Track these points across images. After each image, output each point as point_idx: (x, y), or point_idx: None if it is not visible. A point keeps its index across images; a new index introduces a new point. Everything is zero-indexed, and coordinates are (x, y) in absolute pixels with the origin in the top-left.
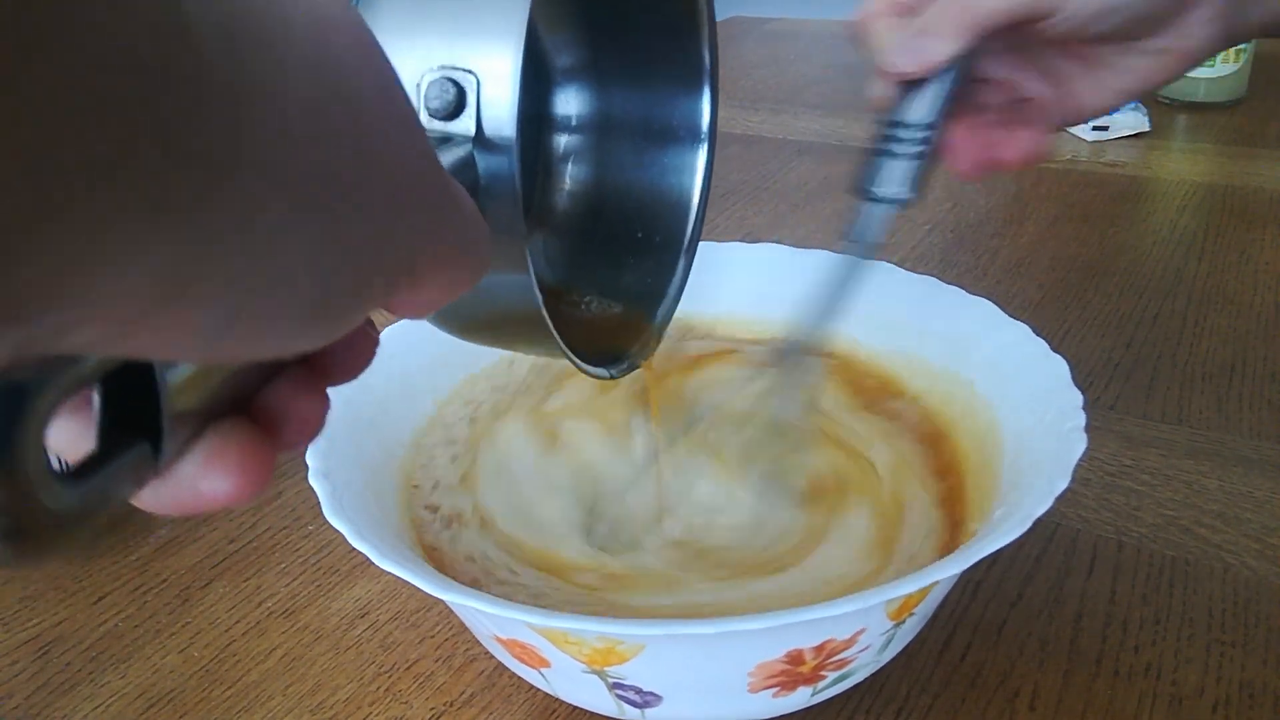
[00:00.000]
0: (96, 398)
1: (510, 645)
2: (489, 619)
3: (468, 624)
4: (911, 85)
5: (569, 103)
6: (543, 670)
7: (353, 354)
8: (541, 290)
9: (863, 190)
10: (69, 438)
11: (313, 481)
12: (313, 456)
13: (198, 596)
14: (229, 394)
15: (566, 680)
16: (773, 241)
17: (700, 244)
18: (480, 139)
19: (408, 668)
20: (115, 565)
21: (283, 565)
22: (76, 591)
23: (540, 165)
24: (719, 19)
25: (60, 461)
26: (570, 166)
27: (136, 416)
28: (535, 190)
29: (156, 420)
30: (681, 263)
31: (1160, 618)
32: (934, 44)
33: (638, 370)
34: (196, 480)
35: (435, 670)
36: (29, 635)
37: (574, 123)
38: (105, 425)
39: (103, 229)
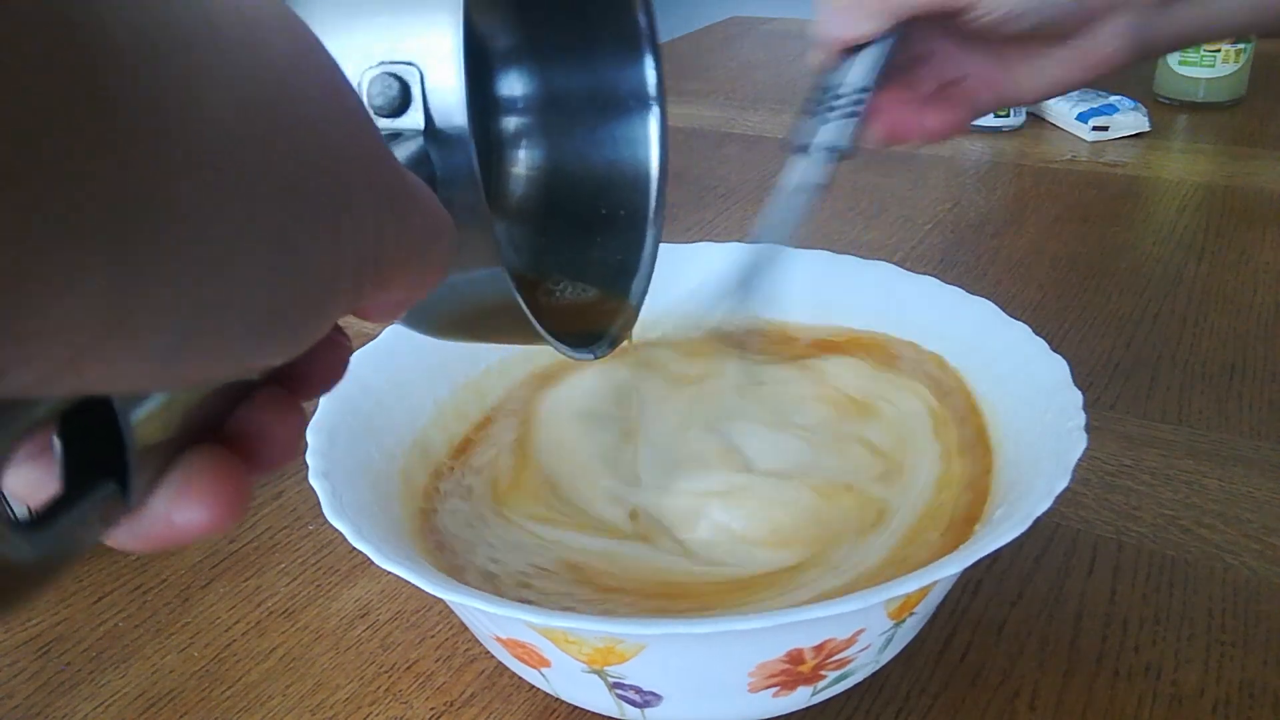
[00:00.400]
0: (56, 440)
1: (510, 645)
2: (489, 618)
3: (468, 624)
4: (848, 54)
5: (514, 85)
6: (543, 670)
7: (324, 366)
8: (514, 279)
9: (796, 146)
10: (30, 483)
11: (313, 481)
12: (313, 457)
13: (198, 596)
14: (198, 421)
15: (567, 680)
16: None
17: (701, 245)
18: (431, 131)
19: (408, 668)
20: (115, 565)
21: (283, 565)
22: (76, 591)
23: (493, 152)
24: (719, 19)
25: (13, 513)
26: (524, 151)
27: (101, 454)
28: (491, 178)
29: (122, 457)
30: (649, 235)
31: (1160, 618)
32: (857, 21)
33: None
34: (170, 513)
35: (435, 670)
36: (29, 635)
37: (521, 105)
38: (68, 467)
39: (20, 262)
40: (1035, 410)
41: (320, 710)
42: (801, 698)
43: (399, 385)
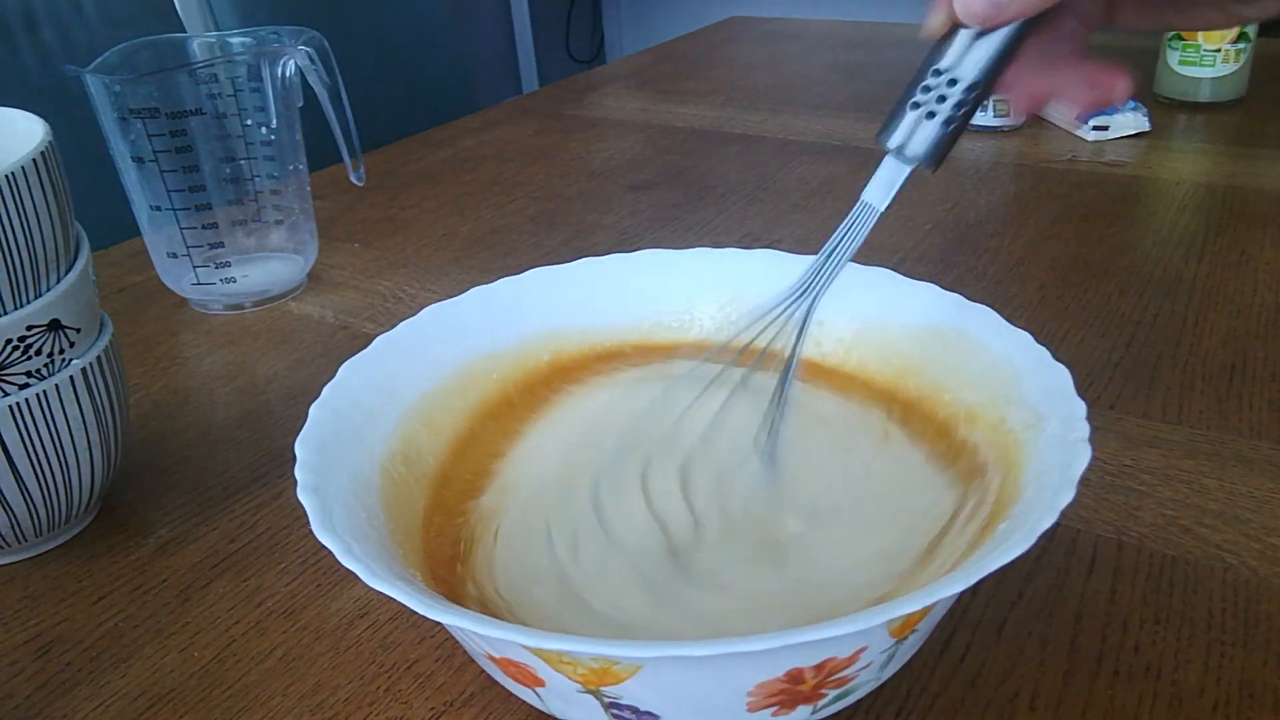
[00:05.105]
0: None
1: (504, 664)
2: (482, 638)
3: (461, 642)
4: (974, 36)
5: None
6: (537, 689)
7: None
8: None
9: (887, 147)
10: None
11: (301, 497)
12: (301, 471)
13: (198, 596)
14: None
15: (561, 700)
16: (773, 241)
17: (699, 249)
18: None
19: (408, 668)
20: (115, 565)
21: (283, 565)
22: (76, 591)
23: None
24: (718, 19)
25: None
26: None
27: None
28: None
29: None
30: None
31: (1160, 618)
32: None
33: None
34: None
35: (435, 670)
36: (29, 635)
37: None
38: None
39: None
40: (1038, 421)
41: (320, 710)
42: (801, 716)
43: (388, 396)
